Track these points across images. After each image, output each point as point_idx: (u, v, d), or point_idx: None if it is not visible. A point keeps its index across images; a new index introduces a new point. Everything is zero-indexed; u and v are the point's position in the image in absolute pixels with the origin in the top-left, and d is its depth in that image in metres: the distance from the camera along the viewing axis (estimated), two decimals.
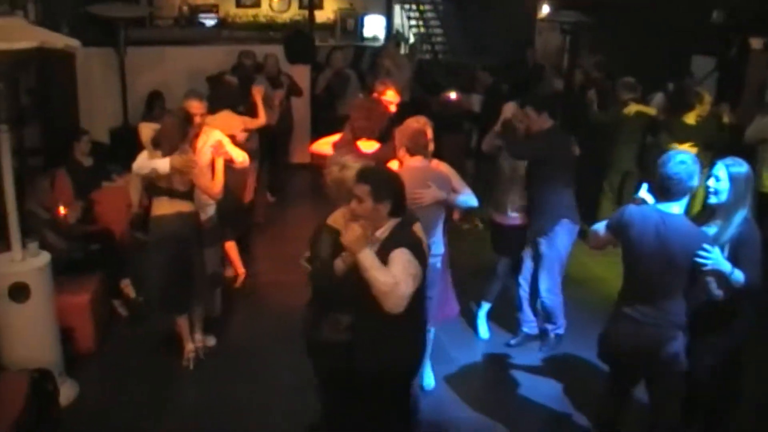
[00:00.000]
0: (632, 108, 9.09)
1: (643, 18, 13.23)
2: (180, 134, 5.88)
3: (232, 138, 6.83)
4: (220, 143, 6.29)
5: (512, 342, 6.96)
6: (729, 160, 4.61)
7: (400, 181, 4.20)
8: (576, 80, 11.72)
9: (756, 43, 10.76)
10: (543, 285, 6.74)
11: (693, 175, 4.31)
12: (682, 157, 4.35)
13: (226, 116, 7.52)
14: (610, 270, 8.24)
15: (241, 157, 6.50)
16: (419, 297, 4.16)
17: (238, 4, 21.24)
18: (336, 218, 4.29)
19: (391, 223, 4.09)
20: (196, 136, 6.31)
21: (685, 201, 4.39)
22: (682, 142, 8.33)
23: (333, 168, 4.38)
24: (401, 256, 3.93)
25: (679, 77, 10.29)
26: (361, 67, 16.22)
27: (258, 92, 8.23)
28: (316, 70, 12.78)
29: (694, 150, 7.98)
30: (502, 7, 17.31)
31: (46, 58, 9.04)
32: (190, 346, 6.25)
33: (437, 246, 5.55)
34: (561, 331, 6.84)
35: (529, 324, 6.95)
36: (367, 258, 3.86)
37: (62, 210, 7.14)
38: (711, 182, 4.58)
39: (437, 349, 6.41)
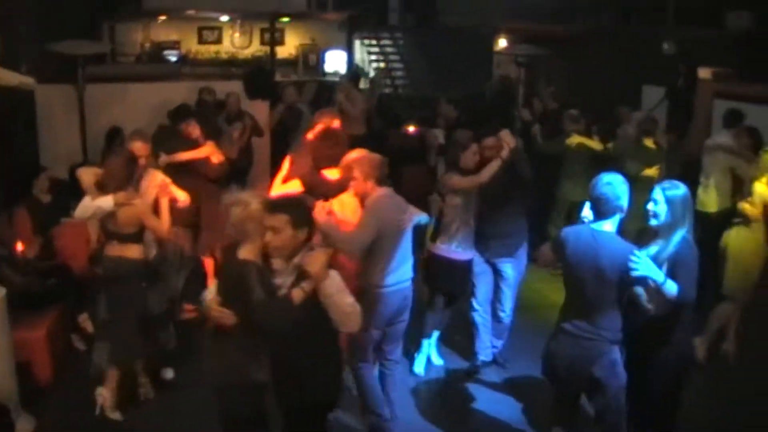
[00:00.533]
0: (574, 139, 9.31)
1: (596, 50, 13.55)
2: (125, 175, 5.88)
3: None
4: (165, 183, 6.32)
5: (469, 370, 7.04)
6: (666, 184, 4.85)
7: (311, 208, 4.39)
8: (536, 110, 11.93)
9: (704, 73, 11.06)
10: (508, 305, 6.95)
11: (620, 196, 4.56)
12: (609, 179, 4.62)
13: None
14: (561, 295, 8.43)
15: (183, 196, 6.57)
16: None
17: (200, 41, 21.38)
18: (247, 253, 4.26)
19: (305, 249, 4.18)
20: (140, 177, 6.29)
21: (617, 219, 4.62)
22: (650, 166, 8.56)
23: (235, 209, 4.29)
24: (336, 278, 4.07)
25: (632, 107, 10.56)
26: (322, 102, 16.41)
27: (193, 129, 8.11)
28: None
29: (656, 173, 8.31)
30: (461, 40, 17.58)
31: (5, 95, 9.13)
32: (142, 380, 6.27)
33: (411, 269, 5.74)
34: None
35: (486, 351, 7.06)
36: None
37: (20, 246, 7.17)
38: (650, 206, 4.80)
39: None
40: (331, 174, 6.01)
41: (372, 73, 20.10)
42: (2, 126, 9.78)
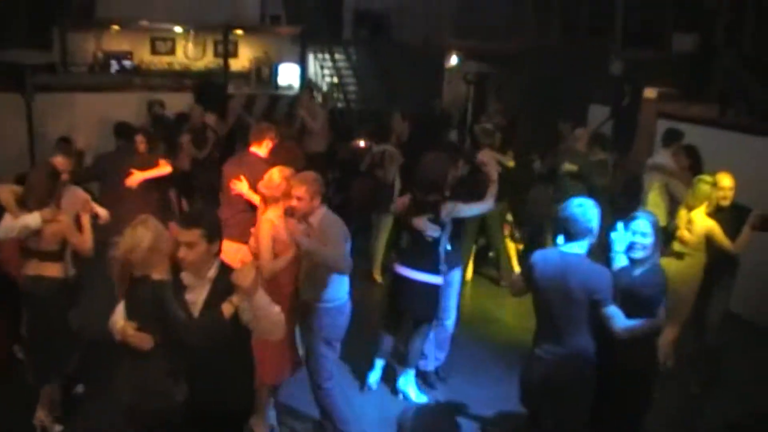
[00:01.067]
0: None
1: (543, 68, 13.77)
2: (47, 190, 5.72)
3: None
4: (87, 199, 6.18)
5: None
6: (641, 213, 5.01)
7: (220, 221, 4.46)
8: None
9: (650, 92, 11.31)
10: (453, 312, 7.13)
11: (591, 219, 4.65)
12: (580, 201, 4.71)
13: None
14: (503, 311, 8.66)
15: (104, 213, 6.49)
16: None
17: (154, 52, 21.24)
18: (159, 273, 4.19)
19: (216, 262, 4.24)
20: (60, 193, 6.07)
21: (586, 242, 4.69)
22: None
23: (124, 241, 4.19)
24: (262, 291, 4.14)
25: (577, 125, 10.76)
26: (275, 116, 16.45)
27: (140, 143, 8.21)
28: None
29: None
30: (414, 56, 17.74)
31: None
32: (40, 414, 6.03)
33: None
34: None
35: (428, 361, 7.14)
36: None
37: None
38: (638, 239, 4.87)
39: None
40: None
41: (325, 87, 20.17)
42: None
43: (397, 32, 19.99)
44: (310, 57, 20.81)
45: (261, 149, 7.38)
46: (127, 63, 20.11)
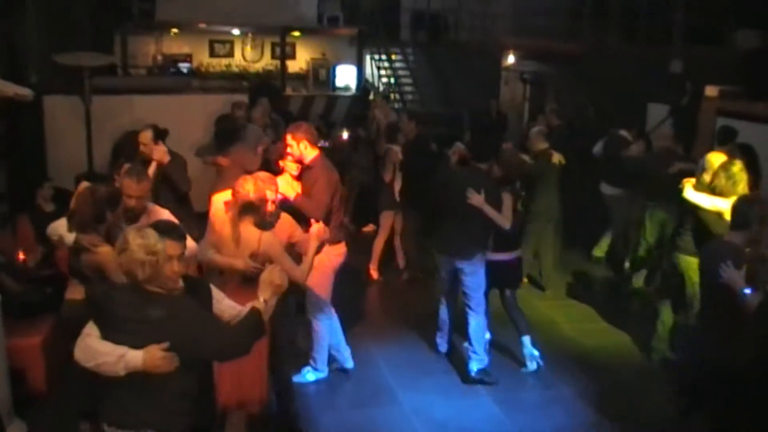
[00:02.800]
0: (556, 157, 9.22)
1: (602, 68, 13.57)
2: (93, 214, 5.28)
3: None
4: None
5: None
6: None
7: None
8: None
9: (711, 91, 11.06)
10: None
11: None
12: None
13: None
14: (559, 313, 8.55)
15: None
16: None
17: (212, 54, 21.54)
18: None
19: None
20: (135, 218, 5.44)
21: None
22: None
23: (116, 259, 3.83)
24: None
25: (637, 125, 10.58)
26: (331, 117, 16.52)
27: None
28: (286, 119, 13.01)
29: None
30: (470, 56, 17.66)
31: (14, 106, 9.23)
32: None
33: None
34: None
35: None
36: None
37: (21, 254, 7.24)
38: None
39: (384, 391, 6.61)
40: None
41: (381, 89, 20.20)
42: (9, 136, 9.91)
43: (454, 33, 19.93)
44: (367, 58, 20.86)
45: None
46: (184, 66, 20.35)
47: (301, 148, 6.38)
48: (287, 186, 6.35)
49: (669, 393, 6.49)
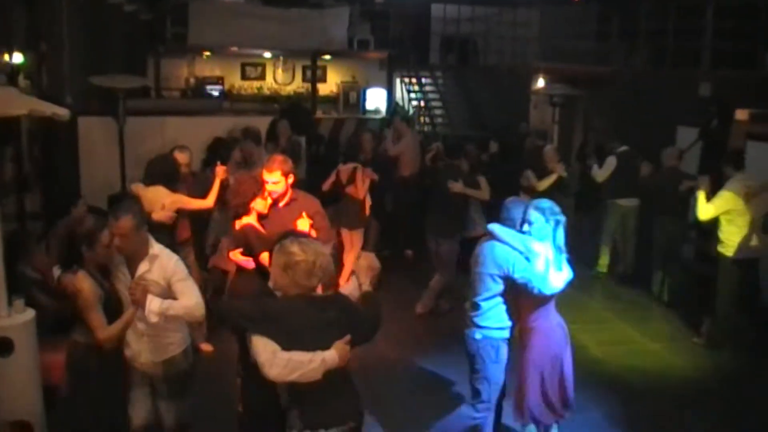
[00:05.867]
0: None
1: (630, 91, 13.59)
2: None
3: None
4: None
5: None
6: None
7: None
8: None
9: (741, 114, 11.03)
10: None
11: None
12: None
13: (156, 191, 7.27)
14: (587, 336, 8.53)
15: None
16: None
17: (244, 77, 21.78)
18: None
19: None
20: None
21: None
22: None
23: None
24: None
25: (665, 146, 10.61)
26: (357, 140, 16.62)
27: (220, 172, 8.00)
28: (315, 142, 13.16)
29: None
30: (500, 79, 17.72)
31: (50, 128, 9.41)
32: None
33: None
34: None
35: None
36: None
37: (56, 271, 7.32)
38: None
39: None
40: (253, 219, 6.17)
41: (411, 111, 20.30)
42: (44, 157, 10.11)
43: (483, 57, 20.02)
44: (397, 81, 20.98)
45: None
46: (215, 89, 20.59)
47: (288, 182, 6.14)
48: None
49: (702, 418, 6.49)
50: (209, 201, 7.70)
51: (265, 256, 5.44)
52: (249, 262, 5.84)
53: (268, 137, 11.17)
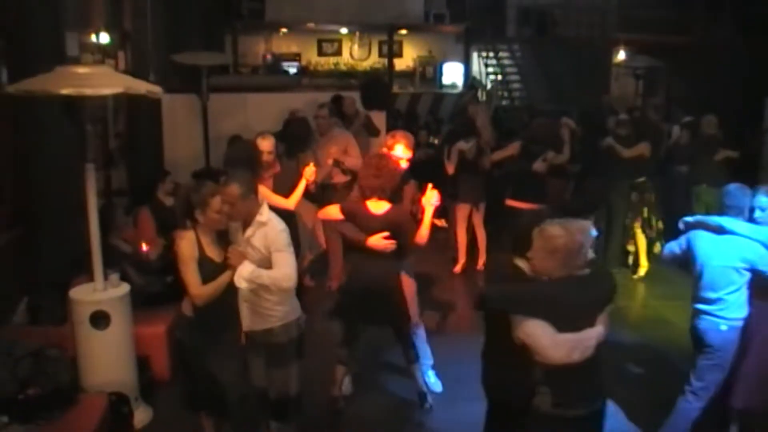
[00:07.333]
0: None
1: (715, 62, 13.25)
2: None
3: None
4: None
5: None
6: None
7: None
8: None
9: None
10: None
11: None
12: None
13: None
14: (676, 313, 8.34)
15: None
16: None
17: (320, 53, 21.85)
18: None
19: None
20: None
21: None
22: None
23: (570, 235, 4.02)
24: None
25: (753, 119, 10.34)
26: (438, 114, 16.55)
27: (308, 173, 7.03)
28: (393, 116, 13.11)
29: None
30: (579, 53, 17.45)
31: (133, 104, 9.58)
32: None
33: None
34: None
35: None
36: None
37: (144, 246, 7.47)
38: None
39: None
40: (375, 207, 5.72)
41: (489, 85, 20.13)
42: (132, 133, 10.29)
43: (562, 28, 19.70)
44: (474, 55, 20.81)
45: None
46: (292, 66, 20.68)
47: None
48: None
49: None
50: (290, 202, 7.06)
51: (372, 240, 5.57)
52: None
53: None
